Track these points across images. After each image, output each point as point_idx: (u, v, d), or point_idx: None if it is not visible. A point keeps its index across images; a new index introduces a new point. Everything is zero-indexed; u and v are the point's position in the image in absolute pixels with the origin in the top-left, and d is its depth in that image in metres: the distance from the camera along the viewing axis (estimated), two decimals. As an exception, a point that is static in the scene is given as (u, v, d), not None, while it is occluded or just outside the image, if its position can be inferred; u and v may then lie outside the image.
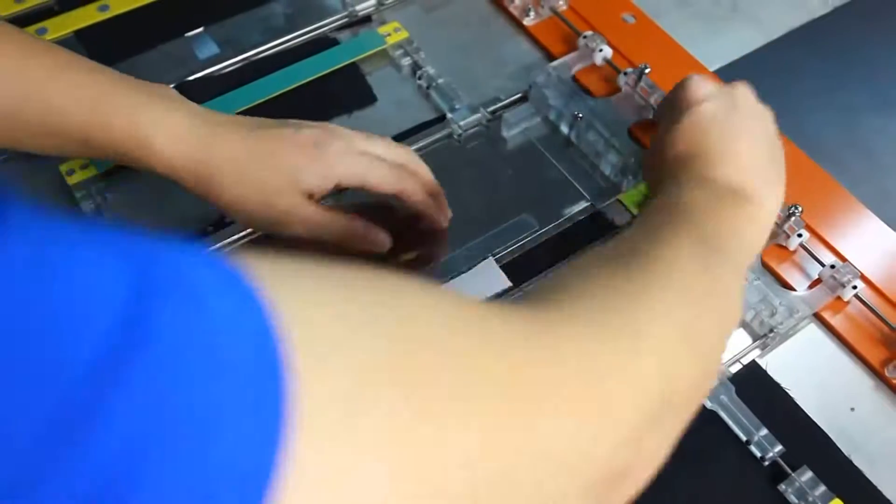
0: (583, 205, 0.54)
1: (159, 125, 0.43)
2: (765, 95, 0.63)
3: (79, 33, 0.61)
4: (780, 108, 0.63)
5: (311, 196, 0.44)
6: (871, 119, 0.65)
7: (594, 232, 0.53)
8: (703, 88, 0.45)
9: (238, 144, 0.43)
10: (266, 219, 0.44)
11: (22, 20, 0.61)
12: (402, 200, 0.47)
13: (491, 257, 0.51)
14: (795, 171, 0.56)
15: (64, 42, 0.60)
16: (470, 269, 0.51)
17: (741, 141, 0.43)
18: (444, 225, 0.50)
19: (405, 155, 0.48)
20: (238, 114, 0.56)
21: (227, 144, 0.43)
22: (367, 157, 0.45)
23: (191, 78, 0.59)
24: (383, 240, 0.47)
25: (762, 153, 0.44)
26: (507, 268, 0.51)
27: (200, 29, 0.63)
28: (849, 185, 0.57)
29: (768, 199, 0.42)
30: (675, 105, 0.46)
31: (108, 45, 0.61)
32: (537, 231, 0.53)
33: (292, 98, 0.59)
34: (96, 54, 0.60)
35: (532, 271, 0.51)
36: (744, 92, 0.46)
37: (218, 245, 0.51)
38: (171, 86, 0.58)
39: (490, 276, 0.51)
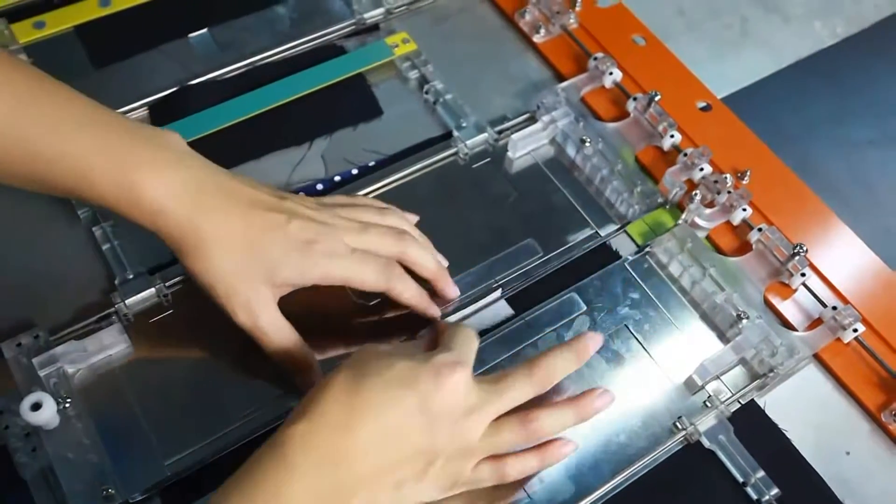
0: (587, 232, 0.54)
1: (151, 181, 0.40)
2: (772, 123, 0.63)
3: (78, 29, 0.60)
4: (786, 137, 0.64)
5: (281, 287, 0.43)
6: (872, 154, 0.65)
7: (599, 262, 0.52)
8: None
9: (228, 224, 0.42)
10: (224, 300, 0.42)
11: (20, 12, 0.60)
12: (391, 298, 0.46)
13: (494, 284, 0.51)
14: (802, 207, 0.57)
15: (63, 38, 0.59)
16: (472, 295, 0.50)
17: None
18: (437, 314, 0.48)
19: (400, 245, 0.46)
20: (242, 122, 0.56)
21: (218, 219, 0.41)
22: (355, 256, 0.44)
23: (192, 82, 0.58)
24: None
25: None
26: (509, 297, 0.50)
27: (204, 30, 0.61)
28: (849, 221, 0.57)
29: None
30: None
31: (107, 43, 0.59)
32: (542, 258, 0.52)
33: (296, 108, 0.57)
34: (96, 52, 0.59)
35: (534, 300, 0.50)
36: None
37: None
38: (172, 90, 0.57)
39: (492, 304, 0.50)
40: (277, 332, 0.43)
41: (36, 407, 0.41)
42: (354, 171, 0.55)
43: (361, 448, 0.36)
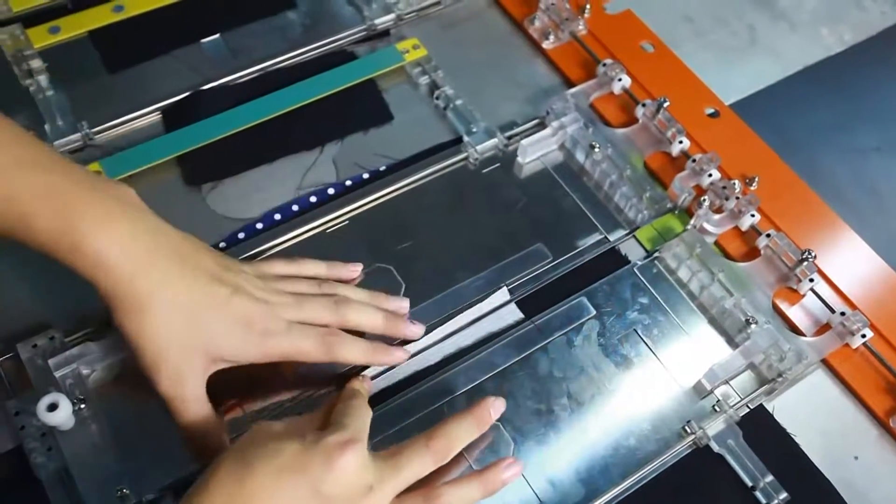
0: (597, 237, 0.54)
1: (96, 232, 0.39)
2: (779, 129, 0.64)
3: (92, 34, 0.60)
4: (792, 144, 0.64)
5: (216, 363, 0.42)
6: (878, 160, 0.65)
7: (608, 266, 0.53)
8: None
9: (169, 290, 0.40)
10: (149, 366, 0.40)
11: (35, 18, 0.60)
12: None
13: (505, 288, 0.51)
14: (810, 213, 0.57)
15: (77, 43, 0.60)
16: (482, 298, 0.50)
17: None
18: (401, 359, 0.47)
19: (337, 313, 0.45)
20: (254, 126, 0.56)
21: (160, 282, 0.40)
22: (293, 331, 0.43)
23: (205, 87, 0.58)
24: None
25: None
26: (519, 301, 0.51)
27: (216, 36, 0.62)
28: (856, 228, 0.57)
29: None
30: None
31: (121, 48, 0.60)
32: (551, 262, 0.53)
33: (308, 113, 0.58)
34: (109, 57, 0.60)
35: (544, 305, 0.51)
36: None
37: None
38: (184, 95, 0.58)
39: (503, 308, 0.50)
40: (198, 408, 0.42)
41: (52, 407, 0.41)
42: (365, 176, 0.56)
43: None
